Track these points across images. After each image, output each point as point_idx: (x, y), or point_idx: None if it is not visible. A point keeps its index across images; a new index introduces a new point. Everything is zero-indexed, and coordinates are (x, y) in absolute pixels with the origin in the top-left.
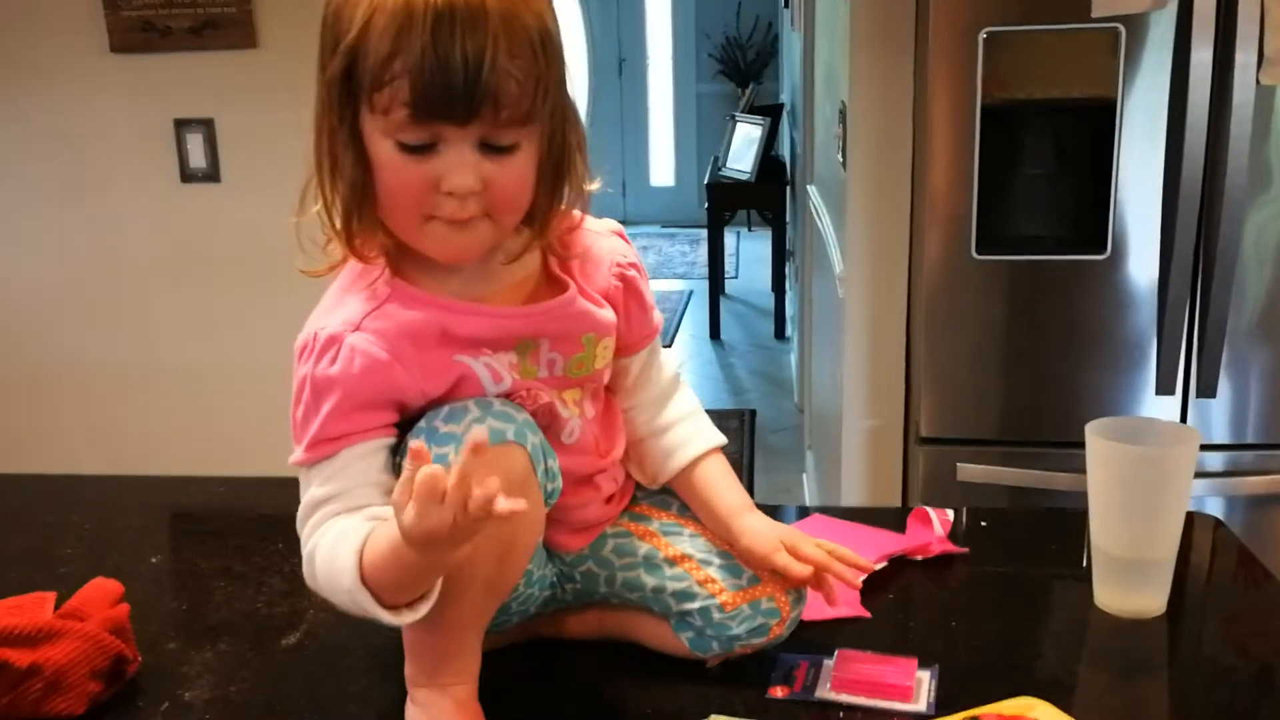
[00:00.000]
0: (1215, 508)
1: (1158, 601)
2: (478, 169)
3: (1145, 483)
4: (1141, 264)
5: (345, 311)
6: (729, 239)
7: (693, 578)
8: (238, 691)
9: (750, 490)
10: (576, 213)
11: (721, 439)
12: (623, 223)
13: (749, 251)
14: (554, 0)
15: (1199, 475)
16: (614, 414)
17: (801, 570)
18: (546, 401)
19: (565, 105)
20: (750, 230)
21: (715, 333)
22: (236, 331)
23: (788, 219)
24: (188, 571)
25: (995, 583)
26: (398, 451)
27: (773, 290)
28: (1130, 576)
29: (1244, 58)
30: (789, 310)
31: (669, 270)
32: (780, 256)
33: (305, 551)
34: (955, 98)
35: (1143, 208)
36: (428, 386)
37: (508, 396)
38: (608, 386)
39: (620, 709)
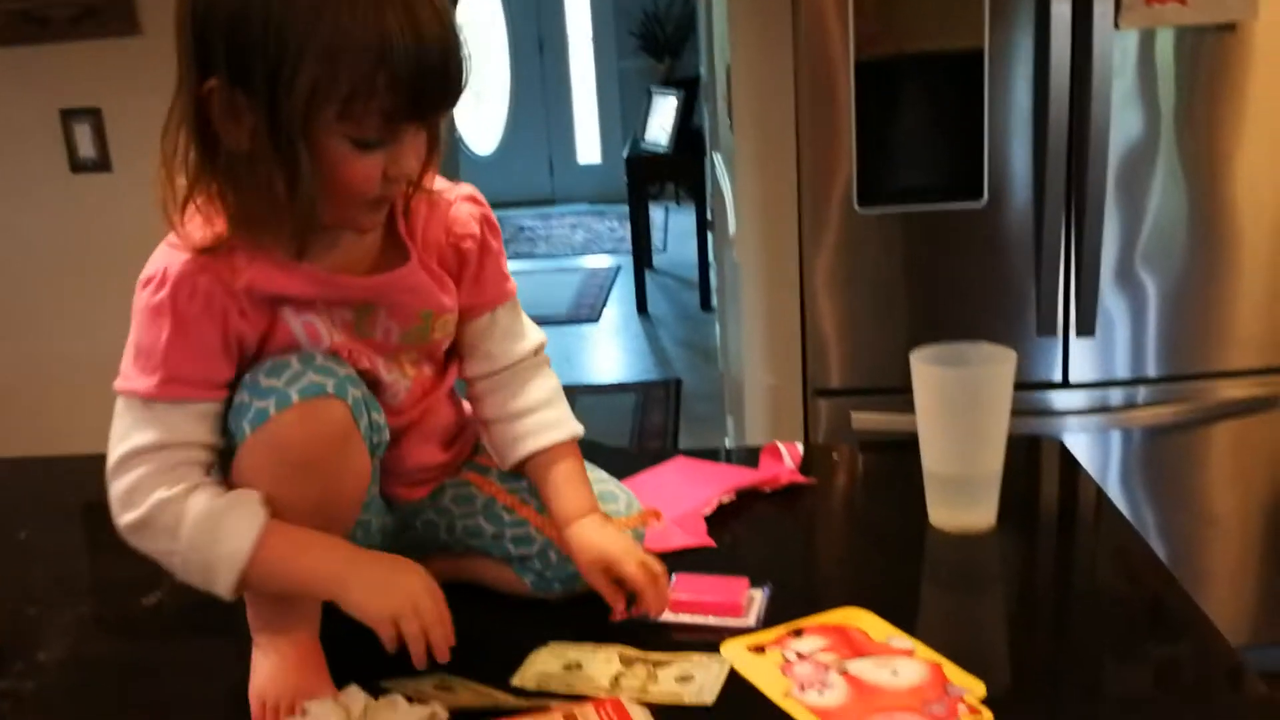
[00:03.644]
0: (1115, 441)
1: (987, 517)
2: (418, 151)
3: (965, 402)
4: (1018, 209)
5: (195, 257)
6: (657, 214)
7: (530, 522)
8: (94, 650)
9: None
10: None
11: (574, 430)
12: (550, 201)
13: (678, 225)
14: None
15: (1091, 412)
16: (451, 364)
17: (611, 594)
18: (367, 366)
19: None
20: (679, 204)
21: (642, 306)
22: (128, 321)
23: (708, 190)
24: (54, 545)
25: (838, 510)
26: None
27: (698, 263)
28: (958, 494)
29: (1102, 6)
30: (714, 281)
31: (598, 247)
32: (704, 228)
33: (152, 496)
34: (831, 54)
35: (1016, 155)
36: (254, 337)
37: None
38: (460, 356)
39: (464, 643)
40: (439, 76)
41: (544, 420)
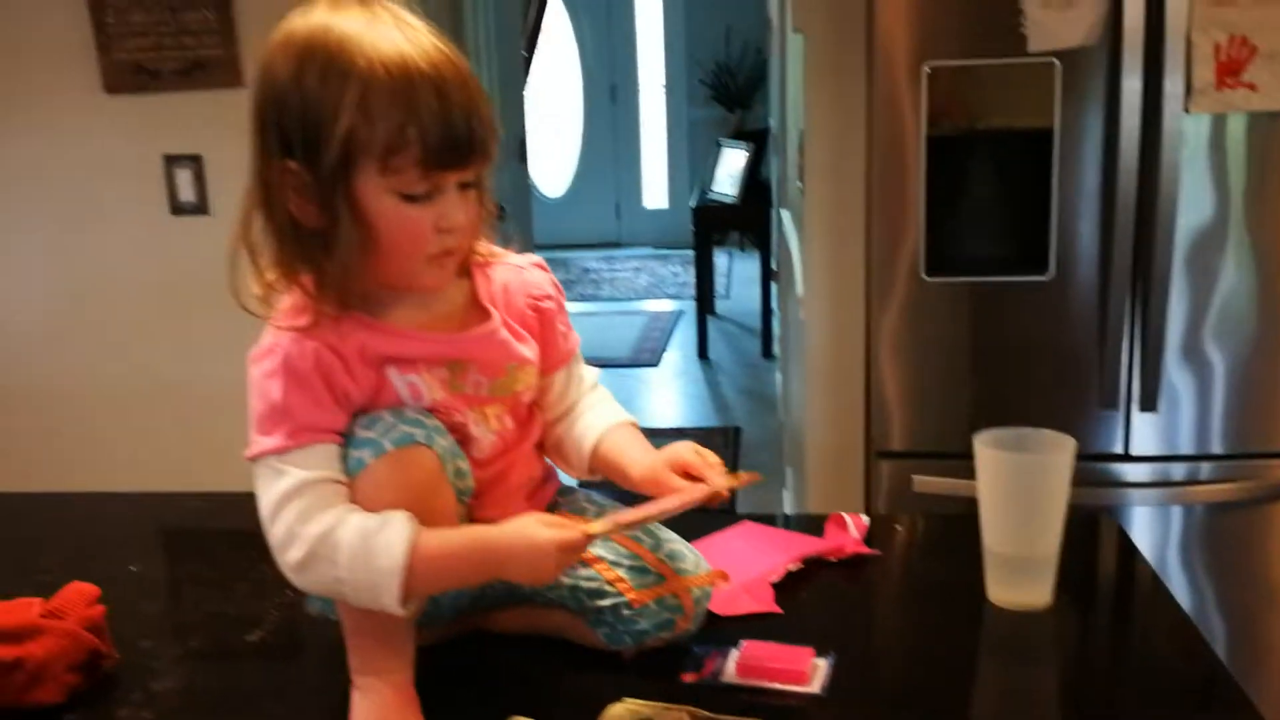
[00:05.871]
0: (1177, 515)
1: (1044, 596)
2: (463, 206)
3: (1024, 487)
4: (1083, 284)
5: (303, 330)
6: (722, 260)
7: (603, 578)
8: (203, 682)
9: (732, 505)
10: (498, 249)
11: (628, 417)
12: (616, 245)
13: (741, 272)
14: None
15: (1153, 485)
16: (533, 418)
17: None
18: (460, 421)
19: None
20: (743, 251)
21: (704, 352)
22: (221, 354)
23: (773, 241)
24: (162, 579)
25: (900, 581)
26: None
27: (761, 310)
28: (1016, 573)
29: (1172, 86)
30: (776, 330)
31: (661, 291)
32: (768, 277)
33: (307, 532)
34: (903, 128)
35: (1083, 230)
36: (361, 394)
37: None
38: (535, 402)
39: (543, 694)
40: (464, 129)
41: (599, 416)
